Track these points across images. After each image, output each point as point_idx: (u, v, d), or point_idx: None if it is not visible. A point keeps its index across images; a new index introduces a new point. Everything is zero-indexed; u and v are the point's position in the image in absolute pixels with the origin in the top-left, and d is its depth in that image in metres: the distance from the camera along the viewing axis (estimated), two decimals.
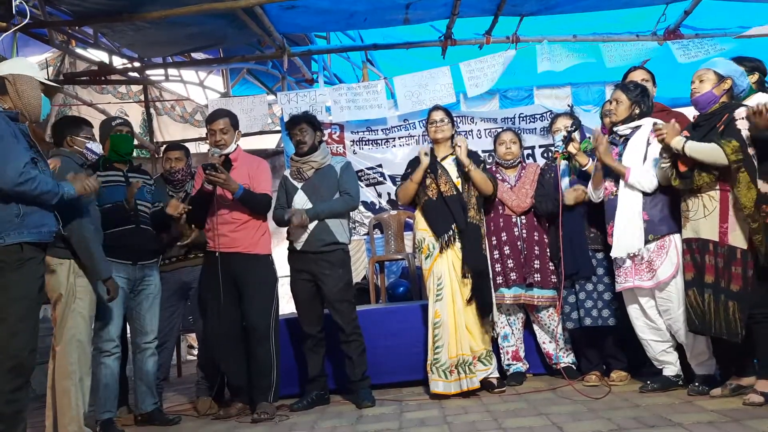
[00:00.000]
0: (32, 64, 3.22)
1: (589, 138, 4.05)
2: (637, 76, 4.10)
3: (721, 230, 3.24)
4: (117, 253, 3.74)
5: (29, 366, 2.93)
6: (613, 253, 3.67)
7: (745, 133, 3.22)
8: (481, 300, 4.01)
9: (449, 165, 4.16)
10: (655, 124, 3.55)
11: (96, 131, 3.86)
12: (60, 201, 3.05)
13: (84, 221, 3.35)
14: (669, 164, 3.41)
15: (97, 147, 3.62)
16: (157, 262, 4.06)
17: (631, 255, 3.62)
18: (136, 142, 8.44)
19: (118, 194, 3.83)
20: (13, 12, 4.01)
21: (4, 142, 2.86)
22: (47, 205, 3.01)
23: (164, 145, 6.76)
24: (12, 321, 2.84)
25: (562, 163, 4.17)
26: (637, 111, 3.73)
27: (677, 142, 3.32)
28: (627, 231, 3.61)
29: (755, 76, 3.57)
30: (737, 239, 3.21)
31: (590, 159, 4.01)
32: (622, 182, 3.68)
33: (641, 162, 3.64)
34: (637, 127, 3.74)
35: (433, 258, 4.06)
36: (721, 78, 3.37)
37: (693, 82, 3.45)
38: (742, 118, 3.22)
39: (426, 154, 4.09)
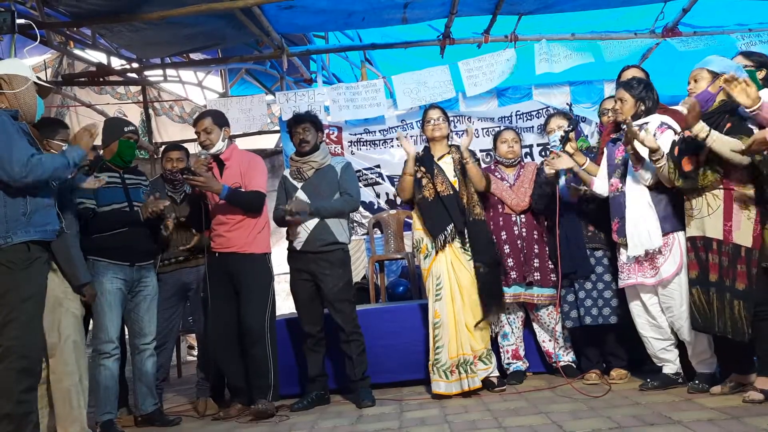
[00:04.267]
0: (26, 65, 3.22)
1: (586, 137, 4.05)
2: (631, 74, 4.08)
3: (726, 228, 3.22)
4: (114, 255, 3.75)
5: (38, 366, 2.93)
6: (630, 252, 3.61)
7: (755, 131, 3.18)
8: (488, 295, 3.97)
9: (446, 164, 4.15)
10: (663, 123, 3.52)
11: (97, 128, 3.82)
12: (73, 166, 3.06)
13: (66, 224, 3.31)
14: (665, 164, 3.39)
15: None
16: (154, 263, 4.06)
17: (650, 252, 3.57)
18: None
19: (115, 196, 3.83)
20: (15, 28, 3.99)
21: (8, 136, 2.87)
22: (50, 203, 3.01)
23: (163, 146, 6.75)
24: (22, 321, 2.85)
25: None
26: (642, 108, 3.69)
27: (700, 128, 3.15)
28: (641, 228, 3.57)
29: (762, 72, 3.47)
30: (742, 237, 3.19)
31: (587, 158, 4.01)
32: (628, 179, 3.66)
33: (646, 157, 3.62)
34: (645, 124, 3.69)
35: (431, 258, 4.05)
36: (715, 75, 3.33)
37: (689, 83, 3.42)
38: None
39: (407, 151, 4.07)
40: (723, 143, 3.13)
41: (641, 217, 3.59)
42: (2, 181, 2.87)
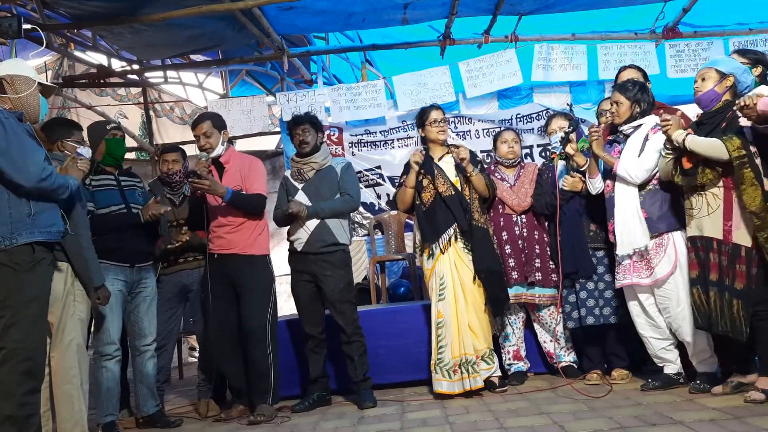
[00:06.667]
0: (29, 66, 3.21)
1: (586, 137, 4.06)
2: (629, 74, 4.08)
3: (725, 228, 3.23)
4: (114, 257, 3.75)
5: (41, 368, 2.92)
6: (618, 251, 3.66)
7: (748, 130, 3.21)
8: (494, 299, 3.99)
9: (446, 164, 4.15)
10: (662, 113, 3.54)
11: (83, 135, 3.84)
12: (69, 194, 3.06)
13: (80, 227, 3.32)
14: (672, 158, 3.41)
15: (86, 152, 3.54)
16: (153, 264, 4.06)
17: (638, 251, 3.60)
18: (135, 143, 8.48)
19: (112, 198, 3.84)
20: (21, 32, 3.99)
21: (20, 138, 2.86)
22: (54, 204, 3.01)
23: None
24: (25, 323, 2.83)
25: (560, 164, 4.17)
26: (638, 110, 3.72)
27: (678, 135, 3.31)
28: (628, 227, 3.62)
29: (758, 69, 3.52)
30: (741, 237, 3.19)
31: (587, 159, 4.01)
32: (618, 179, 3.68)
33: (636, 155, 3.64)
34: (640, 126, 3.73)
35: (435, 258, 4.05)
36: (723, 75, 3.34)
37: (696, 82, 3.43)
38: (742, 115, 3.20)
39: (416, 162, 4.06)
40: (698, 144, 3.24)
41: (629, 217, 3.62)
42: (12, 182, 2.86)
